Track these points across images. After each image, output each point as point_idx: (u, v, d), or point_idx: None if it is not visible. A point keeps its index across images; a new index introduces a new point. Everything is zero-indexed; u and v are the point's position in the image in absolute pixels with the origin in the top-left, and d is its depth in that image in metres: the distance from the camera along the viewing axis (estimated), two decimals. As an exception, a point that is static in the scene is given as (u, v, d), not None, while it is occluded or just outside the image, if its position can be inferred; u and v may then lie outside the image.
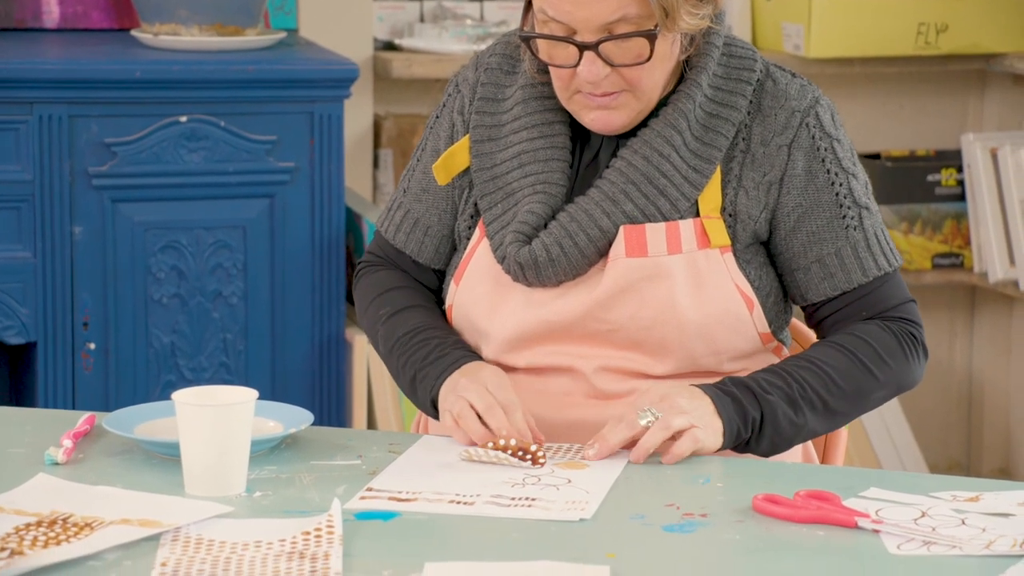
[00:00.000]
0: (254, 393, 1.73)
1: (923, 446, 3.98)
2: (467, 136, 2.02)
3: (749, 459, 1.92)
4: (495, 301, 1.97)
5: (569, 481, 1.75)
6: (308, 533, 1.58)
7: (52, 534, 1.57)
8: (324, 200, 3.08)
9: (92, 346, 3.03)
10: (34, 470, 1.75)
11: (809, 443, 2.08)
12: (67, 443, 1.81)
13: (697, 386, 1.87)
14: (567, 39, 1.88)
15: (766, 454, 1.92)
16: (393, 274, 2.08)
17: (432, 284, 2.08)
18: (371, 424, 3.37)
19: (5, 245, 2.99)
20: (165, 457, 1.80)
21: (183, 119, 3.03)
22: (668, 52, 1.92)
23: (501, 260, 1.96)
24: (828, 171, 1.96)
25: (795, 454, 2.03)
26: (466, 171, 2.03)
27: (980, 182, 3.76)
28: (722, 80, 1.97)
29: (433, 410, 1.95)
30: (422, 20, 3.58)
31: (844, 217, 1.96)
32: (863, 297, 1.98)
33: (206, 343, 3.06)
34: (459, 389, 1.88)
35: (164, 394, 3.05)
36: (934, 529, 1.61)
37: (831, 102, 2.04)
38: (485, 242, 1.99)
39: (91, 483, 1.72)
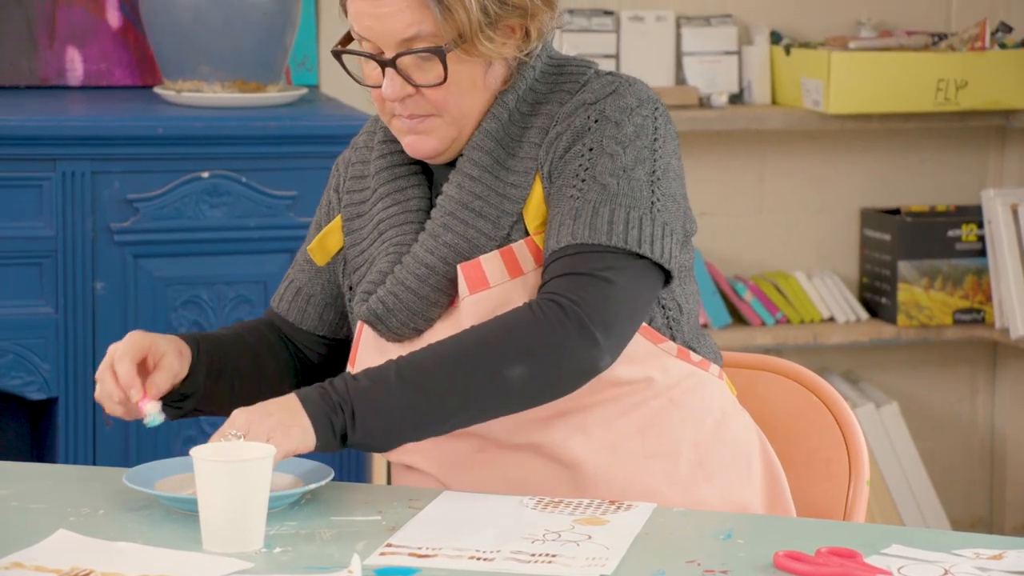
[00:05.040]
0: (272, 449, 1.73)
1: (945, 502, 3.96)
2: (339, 216, 2.06)
3: (770, 516, 1.91)
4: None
5: (589, 537, 1.74)
6: (328, 589, 1.58)
7: (72, 590, 1.57)
8: (345, 256, 3.09)
9: (113, 401, 3.04)
10: (55, 526, 1.75)
11: (780, 483, 2.03)
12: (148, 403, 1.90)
13: (297, 389, 1.84)
14: (371, 55, 1.93)
15: (375, 442, 1.83)
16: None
17: (317, 349, 2.10)
18: (391, 480, 3.36)
19: (27, 301, 3.01)
20: (185, 513, 1.80)
21: (205, 175, 3.05)
22: (479, 80, 1.93)
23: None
24: (583, 145, 1.92)
25: (754, 495, 1.99)
26: (341, 250, 2.06)
27: (1001, 238, 3.76)
28: (543, 95, 1.97)
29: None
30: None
31: (573, 187, 1.90)
32: (550, 265, 1.89)
33: (227, 398, 3.06)
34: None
35: (184, 449, 3.04)
36: (957, 586, 1.60)
37: (645, 98, 1.93)
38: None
39: (111, 539, 1.72)
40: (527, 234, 1.93)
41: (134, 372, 1.93)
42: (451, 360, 1.83)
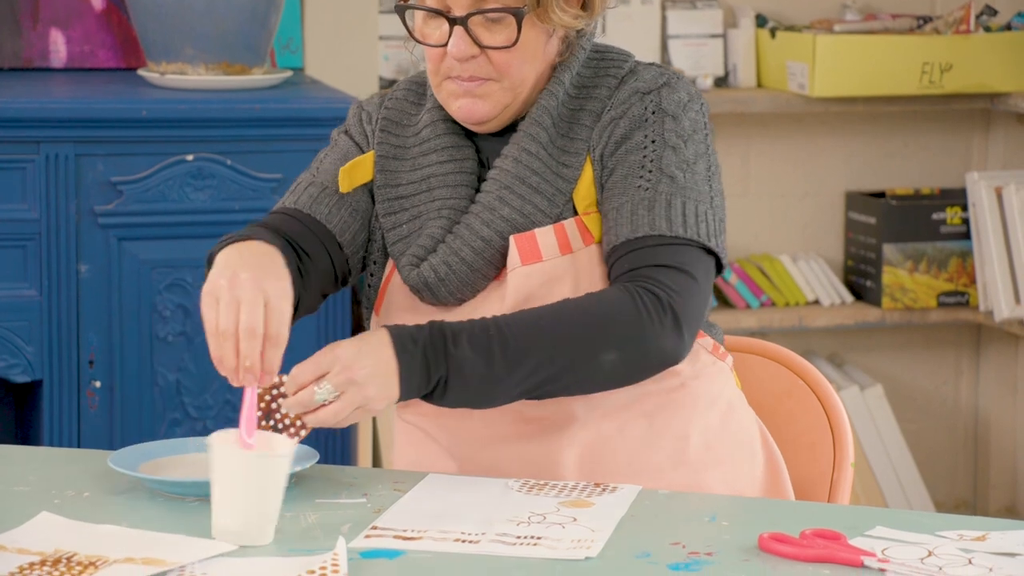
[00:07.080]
0: (291, 444, 1.72)
1: (929, 484, 3.97)
2: (372, 152, 2.04)
3: (755, 498, 1.91)
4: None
5: (575, 519, 1.74)
6: (313, 572, 1.58)
7: (56, 573, 1.57)
8: (330, 238, 3.09)
9: (98, 384, 3.03)
10: (38, 508, 1.75)
11: (781, 473, 2.04)
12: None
13: (398, 333, 1.78)
14: (439, 12, 1.93)
15: (456, 405, 1.84)
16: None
17: (335, 258, 1.99)
18: (376, 462, 3.37)
19: (11, 283, 3.00)
20: (170, 496, 1.80)
21: (189, 158, 3.04)
22: (541, 49, 1.96)
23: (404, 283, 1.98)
24: (645, 136, 1.95)
25: (755, 484, 2.01)
26: (367, 186, 2.03)
27: (985, 221, 3.76)
28: (588, 79, 1.99)
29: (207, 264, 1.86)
30: (428, 59, 3.59)
31: (640, 177, 1.93)
32: (629, 253, 1.91)
33: (211, 381, 3.06)
34: (237, 284, 1.77)
35: (169, 432, 3.05)
36: (941, 568, 1.61)
37: (694, 93, 1.98)
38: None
39: (95, 521, 1.72)
40: (575, 213, 1.96)
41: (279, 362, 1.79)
42: (554, 339, 1.83)
